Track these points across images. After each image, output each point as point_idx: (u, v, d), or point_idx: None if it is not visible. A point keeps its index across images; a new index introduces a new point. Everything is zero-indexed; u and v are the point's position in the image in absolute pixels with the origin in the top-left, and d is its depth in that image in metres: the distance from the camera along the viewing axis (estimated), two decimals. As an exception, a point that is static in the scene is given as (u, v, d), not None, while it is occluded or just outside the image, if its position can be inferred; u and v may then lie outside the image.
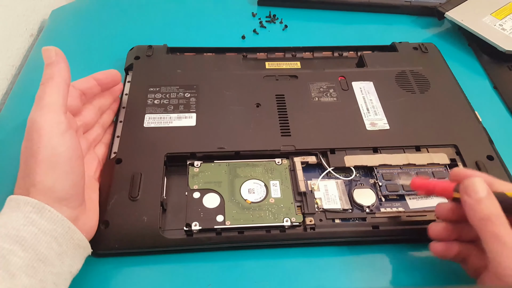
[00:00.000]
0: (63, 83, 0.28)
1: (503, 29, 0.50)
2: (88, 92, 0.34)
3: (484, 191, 0.27)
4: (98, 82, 0.35)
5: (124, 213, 0.31)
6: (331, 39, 0.53)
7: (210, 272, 0.31)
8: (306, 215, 0.32)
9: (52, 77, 0.28)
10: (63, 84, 0.28)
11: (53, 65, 0.28)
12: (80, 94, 0.33)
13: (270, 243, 0.32)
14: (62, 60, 0.29)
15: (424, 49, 0.47)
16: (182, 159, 0.35)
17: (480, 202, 0.26)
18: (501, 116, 0.45)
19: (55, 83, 0.28)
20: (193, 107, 0.39)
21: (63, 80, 0.28)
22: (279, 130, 0.37)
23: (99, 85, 0.35)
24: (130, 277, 0.31)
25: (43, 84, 0.28)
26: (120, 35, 0.52)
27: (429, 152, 0.37)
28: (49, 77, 0.28)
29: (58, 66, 0.28)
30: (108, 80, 0.36)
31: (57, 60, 0.28)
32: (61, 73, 0.28)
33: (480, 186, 0.27)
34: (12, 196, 0.26)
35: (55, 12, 0.56)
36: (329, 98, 0.41)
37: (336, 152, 0.36)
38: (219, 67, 0.43)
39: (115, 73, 0.36)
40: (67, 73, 0.29)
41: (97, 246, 0.30)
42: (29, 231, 0.24)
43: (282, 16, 0.56)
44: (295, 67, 0.46)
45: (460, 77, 0.44)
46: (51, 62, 0.28)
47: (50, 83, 0.27)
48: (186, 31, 0.53)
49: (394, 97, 0.41)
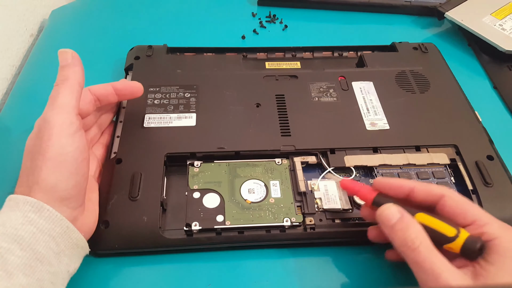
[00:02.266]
0: (77, 85, 0.28)
1: (503, 29, 0.50)
2: (103, 99, 0.34)
3: (395, 216, 0.26)
4: (116, 91, 0.34)
5: (124, 213, 0.31)
6: (331, 39, 0.53)
7: (210, 272, 0.31)
8: (306, 215, 0.32)
9: (67, 79, 0.28)
10: (77, 86, 0.28)
11: (68, 67, 0.29)
12: (95, 99, 0.33)
13: (270, 243, 0.32)
14: (78, 63, 0.29)
15: (424, 49, 0.47)
16: (182, 159, 0.35)
17: (393, 229, 0.26)
18: (501, 116, 0.45)
19: (69, 85, 0.28)
20: (193, 107, 0.39)
21: (77, 82, 0.29)
22: (279, 130, 0.37)
23: (117, 94, 0.35)
24: (130, 277, 0.31)
25: (57, 85, 0.28)
26: (120, 35, 0.52)
27: (429, 152, 0.37)
28: (64, 78, 0.28)
29: (74, 68, 0.29)
30: (127, 92, 0.35)
31: (73, 62, 0.29)
32: (75, 75, 0.29)
33: (390, 212, 0.26)
34: (11, 195, 0.26)
35: (55, 12, 0.56)
36: (329, 98, 0.41)
37: (336, 152, 0.36)
38: (219, 67, 0.43)
39: (137, 87, 0.35)
40: (81, 76, 0.29)
41: (97, 246, 0.30)
42: (27, 230, 0.24)
43: (282, 16, 0.56)
44: (295, 67, 0.46)
45: (460, 77, 0.44)
46: (67, 64, 0.29)
47: (65, 84, 0.28)
48: (186, 31, 0.53)
49: (394, 97, 0.41)
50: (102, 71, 0.46)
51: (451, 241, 0.25)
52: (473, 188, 0.34)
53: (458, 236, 0.25)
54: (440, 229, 0.25)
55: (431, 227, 0.26)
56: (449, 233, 0.25)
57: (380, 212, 0.27)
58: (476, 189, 0.34)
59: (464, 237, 0.25)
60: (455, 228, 0.26)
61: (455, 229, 0.25)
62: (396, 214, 0.26)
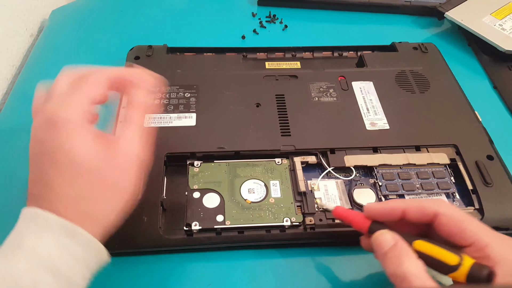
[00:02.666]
0: None
1: (503, 29, 0.50)
2: None
3: (388, 243, 0.25)
4: None
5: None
6: (331, 39, 0.53)
7: (210, 272, 0.31)
8: (306, 215, 0.32)
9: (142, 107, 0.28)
10: None
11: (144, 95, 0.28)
12: None
13: (270, 243, 0.32)
14: None
15: (424, 49, 0.47)
16: (182, 159, 0.35)
17: (386, 257, 0.25)
18: (501, 116, 0.45)
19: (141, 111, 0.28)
20: (193, 107, 0.39)
21: None
22: (279, 130, 0.37)
23: None
24: (130, 277, 0.31)
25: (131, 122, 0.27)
26: (120, 35, 0.52)
27: (429, 152, 0.37)
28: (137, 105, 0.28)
29: None
30: None
31: None
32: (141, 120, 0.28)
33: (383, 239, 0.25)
34: (39, 211, 0.23)
35: (55, 12, 0.56)
36: (329, 98, 0.41)
37: (336, 152, 0.36)
38: (219, 67, 0.43)
39: None
40: None
41: (97, 246, 0.30)
42: (62, 259, 0.23)
43: (282, 16, 0.56)
44: (295, 67, 0.46)
45: (460, 77, 0.44)
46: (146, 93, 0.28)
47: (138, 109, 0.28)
48: (186, 31, 0.53)
49: (394, 97, 0.41)
50: (102, 71, 0.46)
51: (454, 270, 0.24)
52: (473, 188, 0.34)
53: (461, 264, 0.24)
54: (441, 257, 0.24)
55: (431, 255, 0.24)
56: (451, 261, 0.24)
57: (374, 238, 0.26)
58: (476, 189, 0.34)
59: (468, 265, 0.23)
60: (457, 255, 0.24)
61: (457, 256, 0.24)
62: (389, 241, 0.25)
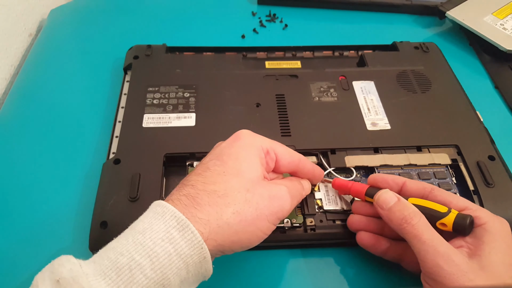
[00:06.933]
0: None
1: (504, 28, 0.50)
2: None
3: (392, 199, 0.29)
4: None
5: (123, 214, 0.31)
6: (331, 38, 0.53)
7: (209, 273, 0.31)
8: (307, 216, 0.32)
9: None
10: None
11: None
12: None
13: (270, 244, 0.32)
14: None
15: (425, 49, 0.47)
16: (181, 160, 0.35)
17: (391, 210, 0.28)
18: (502, 116, 0.44)
19: None
20: (192, 107, 0.38)
21: None
22: (279, 130, 0.37)
23: None
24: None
25: None
26: (119, 34, 0.52)
27: (430, 153, 0.36)
28: None
29: None
30: None
31: None
32: None
33: (388, 196, 0.29)
34: (159, 201, 0.24)
35: (54, 12, 0.56)
36: (330, 98, 0.40)
37: (337, 152, 0.36)
38: (219, 67, 0.43)
39: None
40: None
41: (96, 247, 0.29)
42: (165, 249, 0.22)
43: (282, 15, 0.56)
44: (295, 67, 0.46)
45: (461, 77, 0.44)
46: None
47: None
48: (185, 30, 0.53)
49: (395, 97, 0.41)
50: (101, 71, 0.46)
51: (443, 217, 0.27)
52: (474, 188, 0.34)
53: (450, 212, 0.27)
54: (433, 207, 0.28)
55: (424, 206, 0.28)
56: (441, 210, 0.28)
57: (378, 197, 0.29)
58: (478, 189, 0.34)
59: (455, 213, 0.27)
60: (446, 207, 0.28)
61: (446, 208, 0.28)
62: (393, 197, 0.29)
